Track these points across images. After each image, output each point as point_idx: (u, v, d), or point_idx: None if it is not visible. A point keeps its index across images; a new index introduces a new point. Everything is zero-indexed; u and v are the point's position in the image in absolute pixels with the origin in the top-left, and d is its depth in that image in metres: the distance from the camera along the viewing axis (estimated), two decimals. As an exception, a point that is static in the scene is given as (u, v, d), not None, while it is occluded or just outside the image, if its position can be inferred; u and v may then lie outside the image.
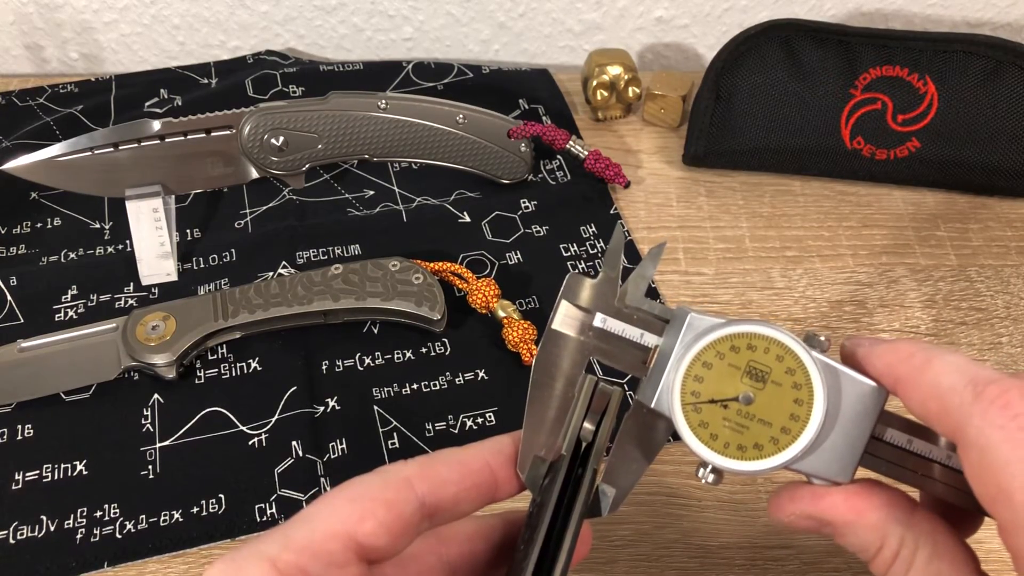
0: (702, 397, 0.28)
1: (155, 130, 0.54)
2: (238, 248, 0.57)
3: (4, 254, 0.56)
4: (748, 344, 0.28)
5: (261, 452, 0.46)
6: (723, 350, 0.29)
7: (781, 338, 0.28)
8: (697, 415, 0.28)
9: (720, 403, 0.28)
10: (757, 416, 0.28)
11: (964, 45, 0.57)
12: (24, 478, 0.45)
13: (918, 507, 0.28)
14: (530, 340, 0.50)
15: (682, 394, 0.29)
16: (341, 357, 0.50)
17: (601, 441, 0.30)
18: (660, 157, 0.64)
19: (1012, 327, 0.53)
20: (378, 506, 0.25)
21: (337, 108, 0.56)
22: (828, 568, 0.43)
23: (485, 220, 0.59)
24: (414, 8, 0.72)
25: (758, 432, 0.28)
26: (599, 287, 0.31)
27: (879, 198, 0.61)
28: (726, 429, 0.28)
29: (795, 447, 0.28)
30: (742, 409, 0.28)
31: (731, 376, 0.28)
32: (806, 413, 0.28)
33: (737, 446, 0.28)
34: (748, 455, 0.28)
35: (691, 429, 0.28)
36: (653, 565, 0.43)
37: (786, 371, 0.28)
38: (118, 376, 0.49)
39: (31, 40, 0.73)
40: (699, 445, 0.28)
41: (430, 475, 0.26)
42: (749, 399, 0.28)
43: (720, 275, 0.56)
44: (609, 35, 0.75)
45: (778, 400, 0.28)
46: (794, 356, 0.28)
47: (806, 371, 0.28)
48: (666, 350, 0.29)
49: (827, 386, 0.28)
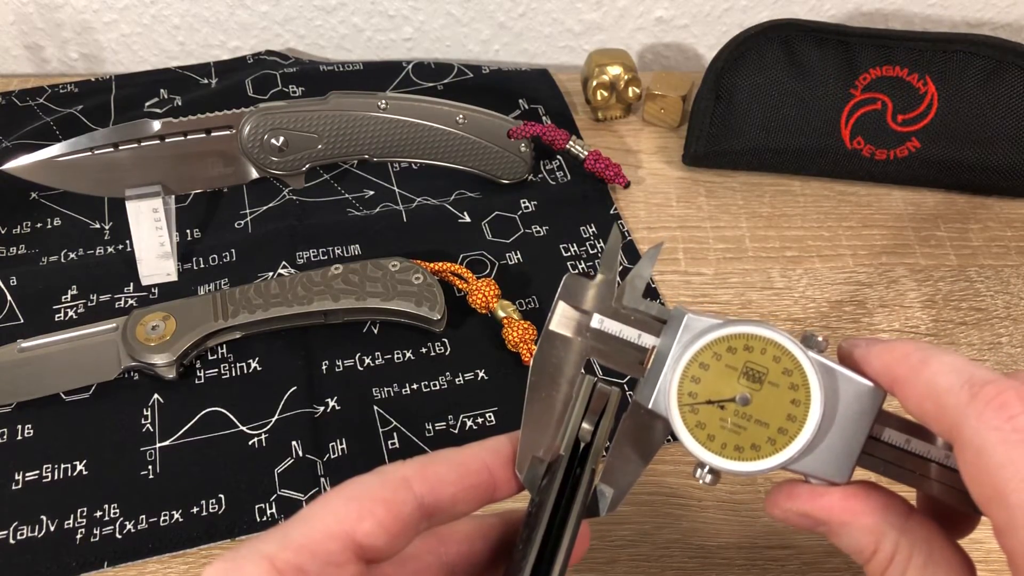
0: (699, 398, 0.28)
1: (155, 130, 0.54)
2: (238, 248, 0.57)
3: (4, 254, 0.57)
4: (745, 345, 0.28)
5: (261, 452, 0.46)
6: (720, 351, 0.29)
7: (778, 339, 0.28)
8: (694, 416, 0.28)
9: (717, 404, 0.28)
10: (754, 417, 0.28)
11: (964, 45, 0.57)
12: (24, 478, 0.45)
13: (914, 512, 0.28)
14: (530, 340, 0.50)
15: (679, 395, 0.29)
16: (341, 357, 0.51)
17: (600, 441, 0.30)
18: (660, 157, 0.64)
19: (1012, 327, 0.53)
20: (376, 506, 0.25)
21: (337, 108, 0.56)
22: (828, 568, 0.43)
23: (485, 220, 0.59)
24: (414, 8, 0.72)
25: (755, 433, 0.28)
26: (596, 288, 0.31)
27: (879, 198, 0.61)
28: (723, 430, 0.28)
29: (792, 448, 0.28)
30: (739, 410, 0.28)
31: (728, 377, 0.28)
32: (803, 414, 0.28)
33: (734, 447, 0.28)
34: (745, 456, 0.28)
35: (688, 430, 0.28)
36: (653, 565, 0.43)
37: (783, 372, 0.28)
38: (118, 376, 0.49)
39: (31, 40, 0.73)
40: (696, 446, 0.28)
41: (428, 475, 0.26)
42: (746, 400, 0.28)
43: (720, 275, 0.56)
44: (609, 35, 0.75)
45: (775, 401, 0.28)
46: (791, 357, 0.28)
47: (803, 372, 0.28)
48: (663, 351, 0.29)
49: (824, 387, 0.28)
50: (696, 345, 0.29)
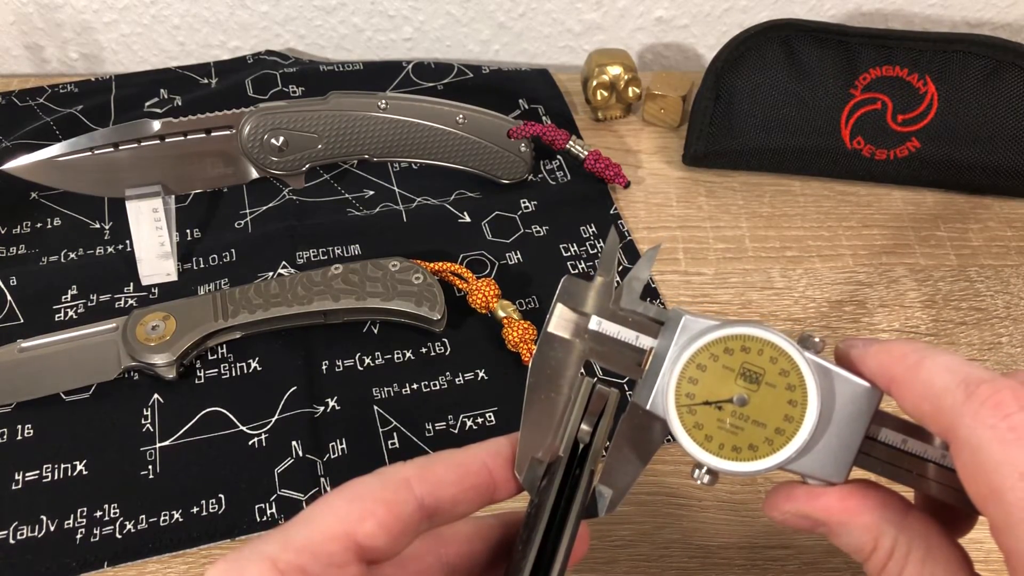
0: (696, 399, 0.29)
1: (155, 130, 0.54)
2: (238, 248, 0.57)
3: (4, 254, 0.57)
4: (742, 346, 0.28)
5: (261, 452, 0.46)
6: (717, 352, 0.29)
7: (775, 340, 0.28)
8: (692, 416, 0.28)
9: (715, 405, 0.28)
10: (752, 417, 0.28)
11: (964, 45, 0.57)
12: (24, 478, 0.45)
13: (912, 509, 0.28)
14: (530, 340, 0.50)
15: (677, 396, 0.29)
16: (341, 357, 0.51)
17: (599, 442, 0.30)
18: (660, 157, 0.64)
19: (1012, 327, 0.53)
20: (377, 506, 0.25)
21: (337, 108, 0.56)
22: (828, 568, 0.43)
23: (485, 220, 0.59)
24: (414, 8, 0.72)
25: (753, 433, 0.28)
26: (595, 290, 0.31)
27: (879, 198, 0.61)
28: (721, 430, 0.28)
29: (789, 448, 0.28)
30: (736, 411, 0.28)
31: (725, 378, 0.28)
32: (800, 414, 0.28)
33: (732, 447, 0.28)
34: (743, 456, 0.28)
35: (686, 431, 0.28)
36: (653, 565, 0.43)
37: (780, 372, 0.28)
38: (118, 376, 0.49)
39: (31, 40, 0.73)
40: (694, 447, 0.28)
41: (428, 476, 0.27)
42: (744, 400, 0.28)
43: (720, 275, 0.56)
44: (609, 35, 0.75)
45: (772, 401, 0.28)
46: (788, 358, 0.28)
47: (799, 373, 0.28)
48: (661, 352, 0.30)
49: (821, 388, 0.28)
50: (693, 346, 0.29)
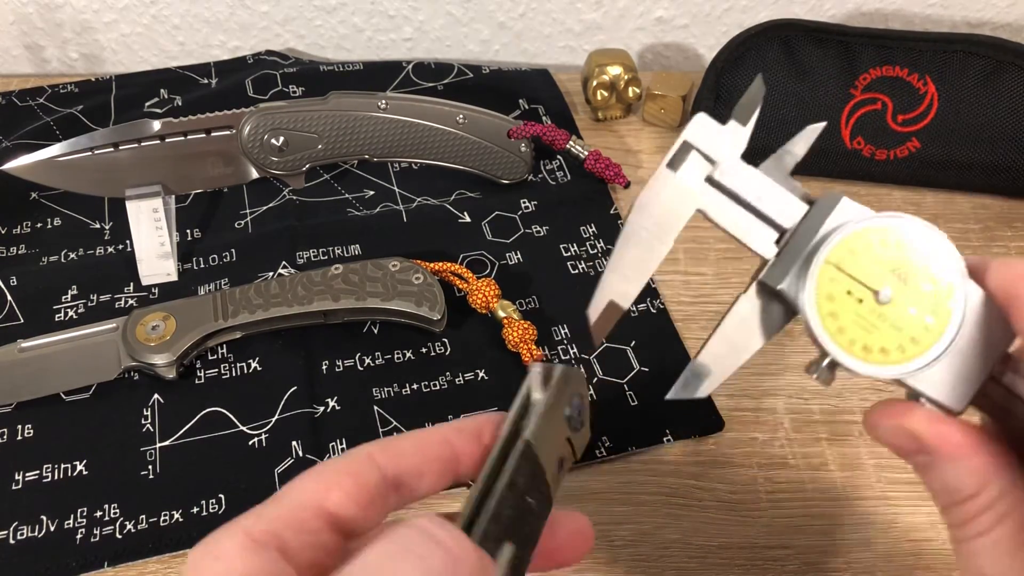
0: (839, 285, 0.27)
1: (155, 130, 0.54)
2: (238, 248, 0.57)
3: (4, 254, 0.57)
4: (900, 240, 0.27)
5: (261, 452, 0.46)
6: (873, 241, 0.27)
7: (939, 241, 0.27)
8: (830, 304, 0.27)
9: (856, 297, 0.27)
10: (890, 319, 0.27)
11: (964, 45, 0.57)
12: (24, 478, 0.45)
13: None
14: (530, 340, 0.50)
15: (819, 280, 0.27)
16: (341, 357, 0.50)
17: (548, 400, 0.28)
18: (660, 157, 0.64)
19: (1012, 327, 0.53)
20: (343, 478, 0.26)
21: (337, 108, 0.56)
22: (828, 568, 0.43)
23: (485, 220, 0.59)
24: (414, 8, 0.72)
25: (887, 335, 0.27)
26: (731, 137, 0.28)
27: (879, 198, 0.61)
28: (856, 326, 0.27)
29: (923, 358, 0.26)
30: (876, 308, 0.27)
31: (876, 269, 0.27)
32: (941, 326, 0.26)
33: (863, 346, 0.27)
34: (872, 358, 0.27)
35: (820, 318, 0.27)
36: (653, 565, 0.43)
37: (930, 278, 0.27)
38: (118, 376, 0.49)
39: (31, 40, 0.73)
40: (825, 336, 0.27)
41: (390, 449, 0.27)
42: (888, 297, 0.27)
43: (720, 275, 0.56)
44: (609, 35, 0.75)
45: (916, 306, 0.27)
46: (942, 264, 0.27)
47: (950, 282, 0.26)
48: (804, 233, 0.28)
49: (966, 305, 0.26)
50: (849, 229, 0.27)
